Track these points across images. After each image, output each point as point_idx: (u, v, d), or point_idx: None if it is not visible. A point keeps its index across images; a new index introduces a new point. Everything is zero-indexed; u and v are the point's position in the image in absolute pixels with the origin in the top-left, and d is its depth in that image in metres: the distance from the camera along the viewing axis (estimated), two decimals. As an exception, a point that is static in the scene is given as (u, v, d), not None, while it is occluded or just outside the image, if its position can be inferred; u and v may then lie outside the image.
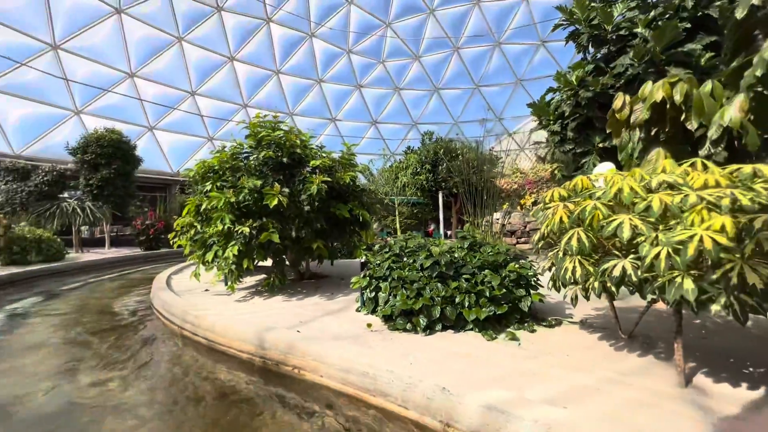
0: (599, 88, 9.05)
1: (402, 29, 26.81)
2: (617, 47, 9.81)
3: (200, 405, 2.91)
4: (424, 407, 2.52)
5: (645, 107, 3.62)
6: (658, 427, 2.01)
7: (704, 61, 7.90)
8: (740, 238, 1.96)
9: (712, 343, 3.24)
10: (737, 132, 3.29)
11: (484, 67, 28.20)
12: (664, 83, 3.51)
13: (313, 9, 24.06)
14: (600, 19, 9.68)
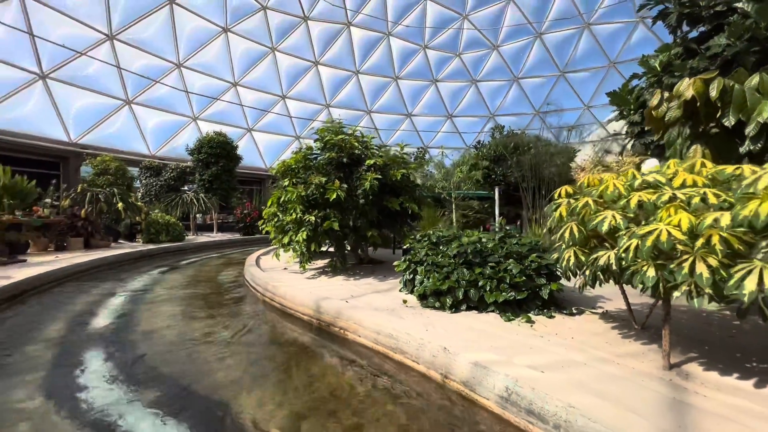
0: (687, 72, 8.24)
1: (479, 20, 26.27)
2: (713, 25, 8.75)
3: (272, 345, 3.92)
4: (430, 363, 3.14)
5: (676, 105, 3.62)
6: (616, 393, 2.35)
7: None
8: (694, 234, 2.18)
9: (716, 337, 3.22)
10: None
11: (570, 51, 26.20)
12: (695, 80, 3.49)
13: (390, 8, 24.94)
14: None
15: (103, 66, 17.41)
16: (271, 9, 22.21)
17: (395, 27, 25.74)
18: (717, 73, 3.58)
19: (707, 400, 2.29)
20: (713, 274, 2.05)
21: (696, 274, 2.09)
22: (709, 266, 2.07)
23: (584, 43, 25.30)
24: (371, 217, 6.03)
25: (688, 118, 3.73)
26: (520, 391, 2.43)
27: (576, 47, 25.78)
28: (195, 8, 19.62)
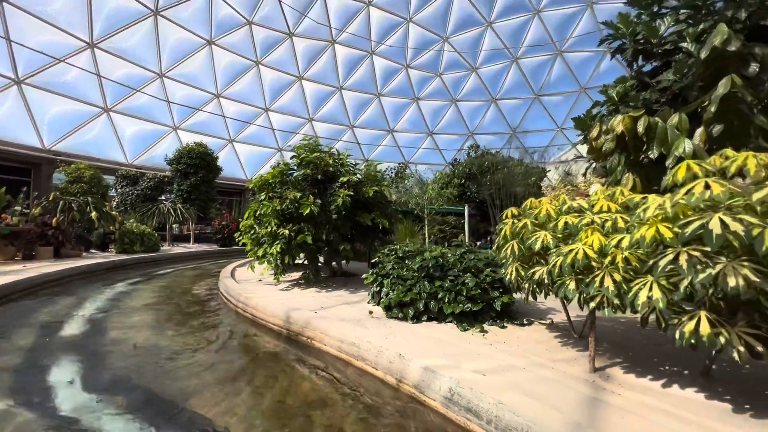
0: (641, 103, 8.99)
1: (459, 43, 27.41)
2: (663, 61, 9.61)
3: (242, 353, 4.09)
4: (387, 368, 3.40)
5: (610, 138, 4.10)
6: (544, 392, 2.67)
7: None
8: (603, 253, 2.56)
9: (642, 344, 3.62)
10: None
11: (544, 76, 27.62)
12: (625, 117, 3.99)
13: (374, 29, 25.75)
14: (645, 33, 9.60)
15: (82, 73, 17.29)
16: (257, 24, 22.61)
17: (378, 46, 26.55)
18: (643, 112, 4.09)
19: (620, 398, 2.63)
20: (618, 288, 2.42)
21: (604, 287, 2.46)
22: (615, 281, 2.44)
23: (557, 69, 26.75)
24: (344, 232, 6.30)
25: (622, 149, 4.21)
26: (461, 392, 2.73)
27: (550, 72, 27.21)
28: (180, 20, 19.80)
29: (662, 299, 2.18)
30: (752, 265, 1.89)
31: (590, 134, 4.50)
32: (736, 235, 1.81)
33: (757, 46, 3.93)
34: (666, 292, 2.20)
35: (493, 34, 26.19)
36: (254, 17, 22.32)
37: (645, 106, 9.96)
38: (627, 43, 10.91)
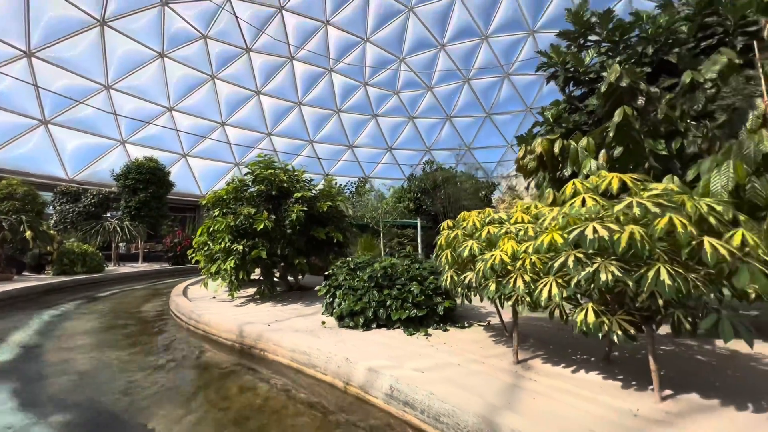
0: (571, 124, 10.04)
1: (415, 63, 28.65)
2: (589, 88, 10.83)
3: (194, 369, 4.12)
4: (335, 373, 3.62)
5: (532, 158, 4.69)
6: (471, 383, 3.02)
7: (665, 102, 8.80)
8: (516, 258, 3.00)
9: (563, 339, 4.14)
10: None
11: (494, 96, 29.50)
12: (542, 141, 4.60)
13: (332, 47, 26.32)
14: (573, 63, 10.78)
15: (16, 83, 16.17)
16: (212, 38, 22.37)
17: (337, 64, 27.12)
18: (558, 135, 4.72)
19: (535, 384, 3.04)
20: (527, 287, 2.85)
21: (516, 287, 2.88)
22: (525, 281, 2.87)
23: (505, 90, 28.72)
24: (299, 246, 6.46)
25: (543, 167, 4.80)
26: (399, 387, 3.01)
27: (499, 93, 29.14)
28: (129, 32, 19.17)
29: (558, 294, 2.62)
30: (618, 263, 2.36)
31: (518, 154, 5.08)
32: (602, 240, 2.28)
33: (643, 82, 4.70)
34: (562, 289, 2.65)
35: (446, 56, 27.69)
36: (209, 32, 22.09)
37: (575, 126, 11.09)
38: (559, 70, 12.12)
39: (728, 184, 3.64)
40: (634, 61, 10.19)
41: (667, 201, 2.29)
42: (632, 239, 2.19)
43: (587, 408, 2.59)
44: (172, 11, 19.96)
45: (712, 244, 2.08)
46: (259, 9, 22.31)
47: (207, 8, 20.93)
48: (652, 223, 2.21)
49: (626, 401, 2.68)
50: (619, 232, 2.25)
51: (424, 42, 27.24)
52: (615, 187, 2.56)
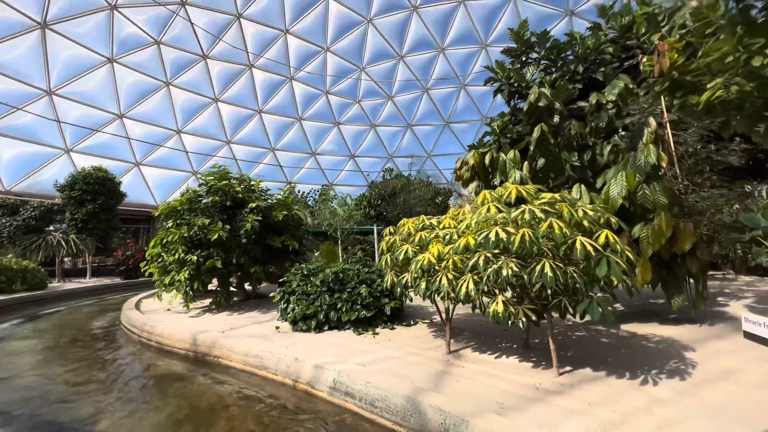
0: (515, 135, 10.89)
1: (375, 72, 29.27)
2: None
3: (148, 379, 4.19)
4: (285, 372, 3.87)
5: (466, 169, 5.21)
6: (407, 372, 3.39)
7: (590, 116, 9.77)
8: (441, 259, 3.43)
9: (494, 331, 4.64)
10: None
11: (452, 106, 30.73)
12: (474, 153, 5.13)
13: (293, 55, 26.37)
14: (516, 78, 11.71)
15: (-57, 88, 14.94)
16: (166, 44, 21.76)
17: (297, 72, 27.18)
18: (489, 149, 5.27)
19: (462, 369, 3.46)
20: (450, 283, 3.27)
21: (441, 284, 3.29)
22: (448, 279, 3.29)
23: (462, 100, 30.01)
24: (254, 255, 6.61)
25: (477, 177, 5.33)
26: (341, 380, 3.32)
27: (456, 103, 30.38)
28: (74, 36, 18.26)
29: (473, 289, 3.06)
30: (517, 260, 2.83)
31: (456, 165, 5.58)
32: (502, 240, 2.74)
33: (557, 102, 5.37)
34: (477, 284, 3.09)
35: (405, 66, 28.56)
36: (163, 37, 21.48)
37: (519, 137, 11.94)
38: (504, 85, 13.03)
39: (622, 191, 4.30)
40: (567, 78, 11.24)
41: (550, 208, 2.79)
42: (523, 240, 2.66)
43: (500, 386, 3.04)
44: (122, 15, 19.26)
45: (582, 242, 2.59)
46: (215, 16, 22.02)
47: (159, 13, 20.39)
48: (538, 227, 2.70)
49: (533, 378, 3.15)
50: (515, 234, 2.72)
51: (384, 53, 27.95)
52: (513, 197, 3.05)
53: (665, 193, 4.32)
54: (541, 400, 2.74)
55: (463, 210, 4.19)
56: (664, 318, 4.96)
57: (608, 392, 2.81)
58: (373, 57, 28.20)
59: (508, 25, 25.36)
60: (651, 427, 2.31)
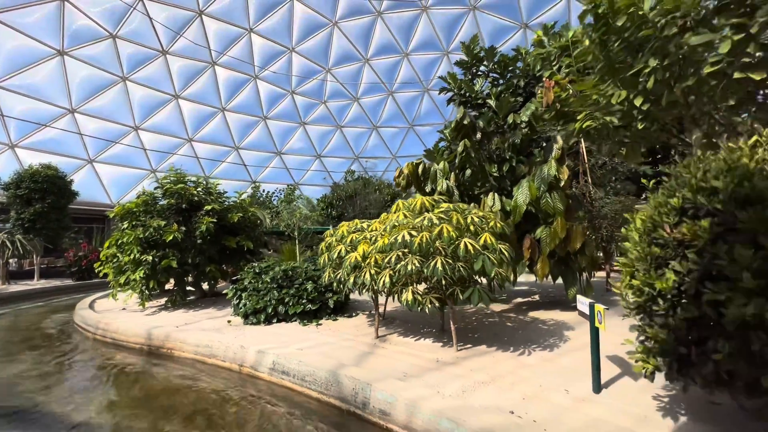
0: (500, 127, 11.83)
1: (341, 74, 29.68)
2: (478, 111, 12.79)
3: (103, 372, 4.54)
4: (232, 359, 4.36)
5: (402, 177, 5.89)
6: (337, 353, 3.99)
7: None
8: (365, 256, 4.06)
9: (422, 319, 5.35)
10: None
11: (416, 109, 31.69)
12: (409, 165, 5.81)
13: (257, 55, 26.27)
14: (466, 89, 12.64)
15: None
16: (123, 38, 21.12)
17: (262, 71, 27.08)
18: (421, 160, 5.96)
19: (384, 350, 4.11)
20: (372, 278, 3.90)
21: (365, 279, 3.92)
22: (371, 274, 3.92)
23: (426, 103, 31.03)
24: (210, 255, 6.98)
25: (412, 184, 6.01)
26: (279, 361, 3.88)
27: (420, 106, 31.37)
28: (20, 26, 17.42)
29: (388, 282, 3.70)
30: (420, 258, 3.51)
31: (395, 174, 6.24)
32: (406, 242, 3.40)
33: (482, 120, 6.15)
34: (391, 278, 3.74)
35: (371, 69, 29.17)
36: (119, 31, 20.84)
37: (487, 136, 12.64)
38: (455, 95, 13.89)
39: (526, 199, 5.12)
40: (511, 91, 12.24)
41: (445, 216, 3.49)
42: (422, 241, 3.33)
43: (410, 361, 3.71)
44: (73, 6, 18.56)
45: (465, 243, 3.30)
46: (175, 11, 21.61)
47: (115, 6, 19.79)
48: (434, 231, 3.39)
49: (438, 354, 3.85)
50: (416, 237, 3.39)
51: (349, 55, 28.41)
52: (418, 206, 3.73)
53: (562, 200, 5.18)
54: (437, 369, 3.43)
55: (386, 215, 4.85)
56: (566, 306, 5.86)
57: (490, 361, 3.55)
58: (338, 59, 28.58)
59: (469, 33, 26.57)
60: (509, 383, 3.04)
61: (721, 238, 1.78)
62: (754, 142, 2.01)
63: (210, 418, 3.21)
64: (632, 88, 3.81)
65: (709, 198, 1.83)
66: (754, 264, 1.65)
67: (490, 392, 2.88)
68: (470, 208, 3.86)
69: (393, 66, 29.25)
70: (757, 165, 1.81)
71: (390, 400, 2.84)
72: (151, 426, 3.11)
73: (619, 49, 3.74)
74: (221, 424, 3.12)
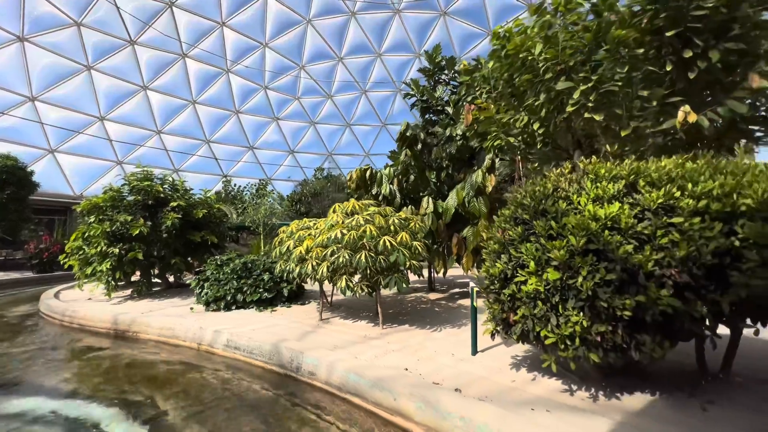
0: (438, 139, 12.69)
1: (315, 71, 29.99)
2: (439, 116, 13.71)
3: (74, 351, 5.05)
4: (192, 338, 4.99)
5: (352, 181, 6.63)
6: (282, 332, 4.70)
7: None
8: (309, 250, 4.78)
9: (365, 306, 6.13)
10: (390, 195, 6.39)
11: (388, 108, 32.45)
12: (357, 170, 6.56)
13: (229, 49, 26.20)
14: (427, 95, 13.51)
15: None
16: (88, 27, 20.67)
17: (234, 65, 27.02)
18: (369, 166, 6.72)
19: (323, 330, 4.85)
20: (314, 268, 4.63)
21: (308, 269, 4.64)
22: (313, 265, 4.65)
23: (398, 103, 31.83)
24: (175, 248, 7.48)
25: (360, 188, 6.76)
26: (232, 339, 4.55)
27: (392, 106, 32.16)
28: (-24, 10, 16.84)
29: (326, 272, 4.44)
30: (349, 251, 4.27)
31: (347, 177, 6.97)
32: (338, 238, 4.15)
33: (423, 132, 6.97)
34: (328, 268, 4.49)
35: (344, 68, 29.64)
36: (84, 19, 20.39)
37: (428, 146, 13.43)
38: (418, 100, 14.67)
39: (455, 203, 5.98)
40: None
41: (371, 217, 4.27)
42: (350, 238, 4.09)
43: (343, 337, 4.47)
44: (35, -7, 18.08)
45: (385, 240, 4.09)
46: (144, 2, 21.34)
47: (81, -6, 19.38)
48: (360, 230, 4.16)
49: (367, 332, 4.64)
50: (347, 235, 4.15)
51: (323, 53, 28.76)
52: (350, 209, 4.50)
53: (487, 204, 6.07)
54: (362, 342, 4.21)
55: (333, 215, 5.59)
56: (492, 295, 6.80)
57: (406, 336, 4.37)
58: (312, 56, 28.88)
59: (440, 37, 27.56)
60: (413, 351, 3.86)
61: (527, 240, 2.62)
62: (559, 172, 2.87)
63: (170, 382, 3.86)
64: (533, 115, 4.70)
65: (522, 211, 2.67)
66: (537, 255, 2.50)
67: (395, 357, 3.69)
68: (393, 212, 4.67)
69: (366, 65, 29.84)
70: (552, 188, 2.66)
71: (316, 363, 3.60)
72: (118, 388, 3.73)
73: (519, 84, 4.62)
74: (180, 384, 3.77)
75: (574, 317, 2.31)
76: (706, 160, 2.43)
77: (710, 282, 2.17)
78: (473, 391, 2.81)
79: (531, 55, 4.36)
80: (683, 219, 2.16)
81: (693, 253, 2.11)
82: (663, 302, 2.11)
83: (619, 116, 3.73)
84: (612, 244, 2.22)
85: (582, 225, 2.29)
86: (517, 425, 2.28)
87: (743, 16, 3.18)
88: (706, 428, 2.22)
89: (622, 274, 2.20)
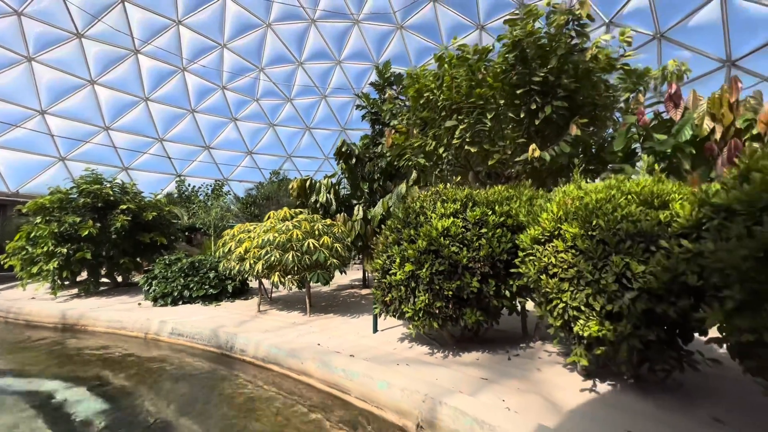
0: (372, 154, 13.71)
1: (274, 74, 30.24)
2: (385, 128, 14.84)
3: (21, 343, 5.47)
4: (139, 329, 5.61)
5: (292, 189, 7.47)
6: (222, 320, 5.44)
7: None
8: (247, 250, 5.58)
9: (295, 299, 7.00)
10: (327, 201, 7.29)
11: (348, 114, 33.32)
12: (297, 180, 7.42)
13: (185, 47, 25.89)
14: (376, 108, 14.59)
15: None
16: (28, 17, 19.78)
17: (191, 64, 26.71)
18: (309, 177, 7.60)
19: (260, 319, 5.65)
20: (251, 266, 5.43)
21: (246, 266, 5.43)
22: (251, 264, 5.45)
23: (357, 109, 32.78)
24: (125, 248, 7.91)
25: (299, 196, 7.61)
26: (176, 327, 5.25)
27: (352, 112, 33.03)
28: None
29: (261, 269, 5.26)
30: (280, 251, 5.13)
31: (290, 186, 7.79)
32: (271, 240, 5.00)
33: (357, 148, 7.95)
34: (263, 266, 5.31)
35: (304, 72, 30.17)
36: (25, 8, 19.51)
37: (361, 161, 14.35)
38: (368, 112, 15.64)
39: (380, 210, 7.00)
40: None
41: (298, 223, 5.16)
42: (280, 240, 4.96)
43: (274, 323, 5.31)
44: (-29, -21, 17.14)
45: (309, 243, 4.99)
46: (94, -5, 20.74)
47: (22, -17, 18.56)
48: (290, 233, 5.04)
49: (295, 319, 5.51)
50: (278, 237, 5.01)
51: (283, 57, 29.12)
52: (281, 215, 5.37)
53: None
54: (289, 327, 5.08)
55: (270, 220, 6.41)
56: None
57: (327, 322, 5.30)
58: (272, 59, 29.13)
59: (398, 49, 28.88)
60: (329, 332, 4.79)
61: (397, 243, 3.66)
62: (426, 194, 3.95)
63: (119, 363, 4.51)
64: (438, 142, 5.81)
65: (398, 222, 3.71)
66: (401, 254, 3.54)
67: (313, 336, 4.60)
68: (320, 219, 5.59)
69: (326, 71, 30.55)
70: (419, 205, 3.73)
71: (246, 342, 4.43)
72: (69, 369, 4.34)
73: (426, 115, 5.72)
74: (128, 363, 4.44)
75: (421, 297, 3.35)
76: (513, 189, 3.59)
77: (506, 271, 3.30)
78: (362, 357, 3.79)
79: (433, 95, 5.48)
80: (488, 230, 3.28)
81: (491, 253, 3.22)
82: (473, 285, 3.20)
83: (487, 150, 4.91)
84: (444, 246, 3.29)
85: (427, 233, 3.34)
86: (378, 371, 3.28)
87: (564, 84, 4.45)
88: (504, 369, 3.33)
89: (449, 267, 3.27)
